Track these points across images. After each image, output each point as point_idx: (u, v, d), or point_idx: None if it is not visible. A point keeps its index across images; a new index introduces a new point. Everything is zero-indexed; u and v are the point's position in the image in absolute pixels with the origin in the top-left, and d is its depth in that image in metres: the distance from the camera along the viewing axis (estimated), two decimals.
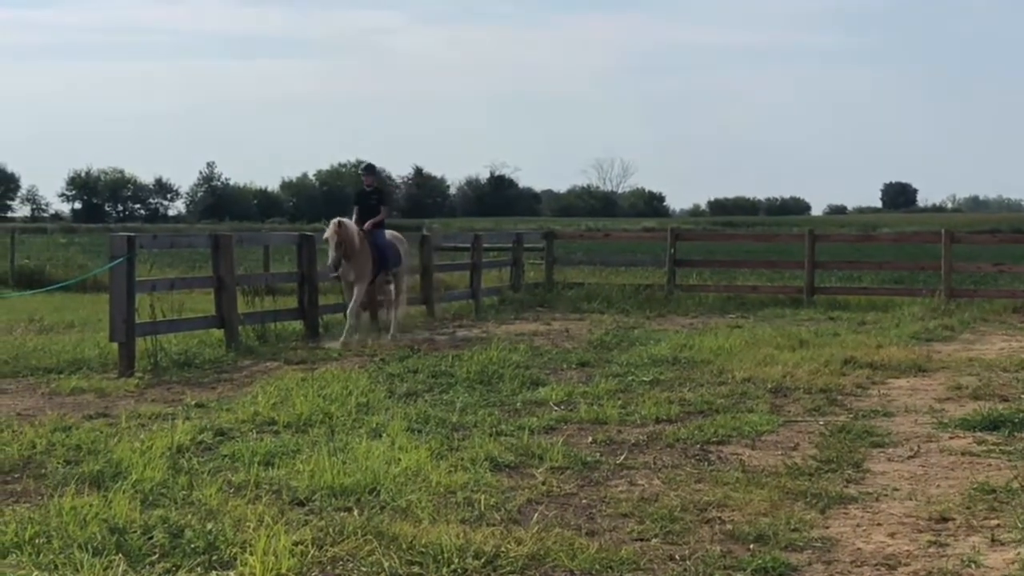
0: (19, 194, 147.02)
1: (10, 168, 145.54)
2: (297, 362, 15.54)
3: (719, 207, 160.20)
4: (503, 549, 6.92)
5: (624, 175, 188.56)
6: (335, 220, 18.30)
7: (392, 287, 19.50)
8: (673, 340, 17.69)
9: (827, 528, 7.65)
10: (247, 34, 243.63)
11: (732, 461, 9.63)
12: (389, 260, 18.90)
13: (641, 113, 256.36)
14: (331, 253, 17.91)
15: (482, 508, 7.90)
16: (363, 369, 14.53)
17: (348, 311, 18.27)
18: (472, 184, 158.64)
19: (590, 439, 10.49)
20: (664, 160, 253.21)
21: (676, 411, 11.77)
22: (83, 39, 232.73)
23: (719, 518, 7.84)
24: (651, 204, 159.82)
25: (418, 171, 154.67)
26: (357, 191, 19.81)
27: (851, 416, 11.71)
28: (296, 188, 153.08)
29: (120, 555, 6.65)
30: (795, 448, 10.19)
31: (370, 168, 20.01)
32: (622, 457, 9.71)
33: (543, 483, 8.75)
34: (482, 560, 6.75)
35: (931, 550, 7.19)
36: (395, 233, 19.89)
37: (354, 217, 18.84)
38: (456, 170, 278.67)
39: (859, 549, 7.22)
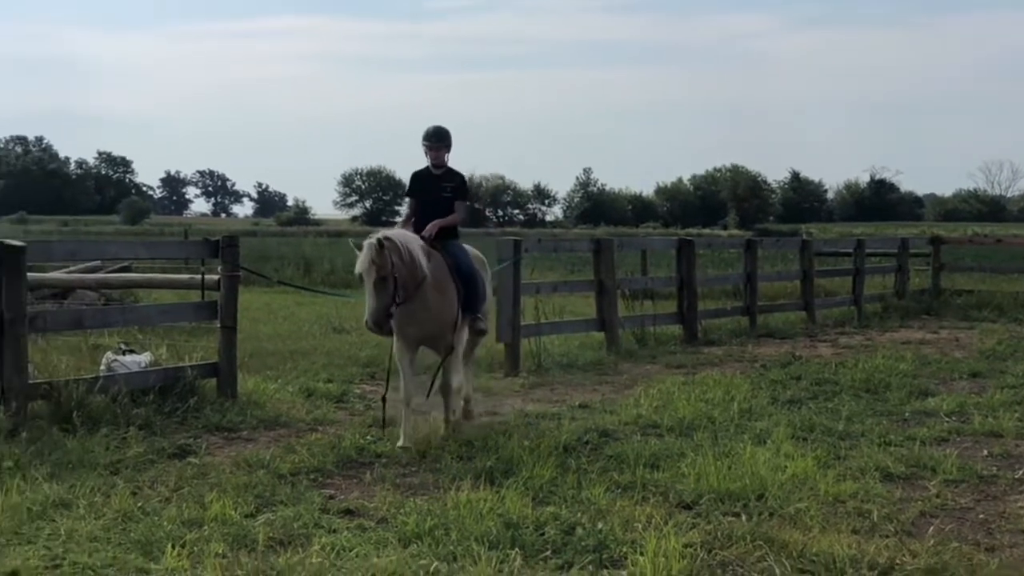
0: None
1: (398, 175, 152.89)
2: (676, 366, 15.58)
3: None
4: (898, 561, 6.74)
5: (1014, 179, 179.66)
6: (375, 237, 10.07)
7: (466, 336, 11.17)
8: None
9: None
10: (614, 40, 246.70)
11: None
12: (480, 292, 11.15)
13: None
14: (370, 302, 10.00)
15: (875, 519, 7.71)
16: (744, 375, 14.42)
17: (439, 386, 10.74)
18: (851, 188, 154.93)
19: (985, 452, 10.07)
20: None
21: None
22: (457, 50, 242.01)
23: None
24: None
25: (795, 175, 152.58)
26: (417, 173, 11.54)
27: None
28: (670, 193, 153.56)
29: (516, 549, 6.86)
30: None
31: (440, 134, 11.28)
32: (1021, 472, 9.27)
33: (936, 495, 8.46)
34: (876, 571, 6.61)
35: None
36: (475, 251, 11.60)
37: (407, 213, 11.65)
38: (834, 174, 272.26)
39: None
